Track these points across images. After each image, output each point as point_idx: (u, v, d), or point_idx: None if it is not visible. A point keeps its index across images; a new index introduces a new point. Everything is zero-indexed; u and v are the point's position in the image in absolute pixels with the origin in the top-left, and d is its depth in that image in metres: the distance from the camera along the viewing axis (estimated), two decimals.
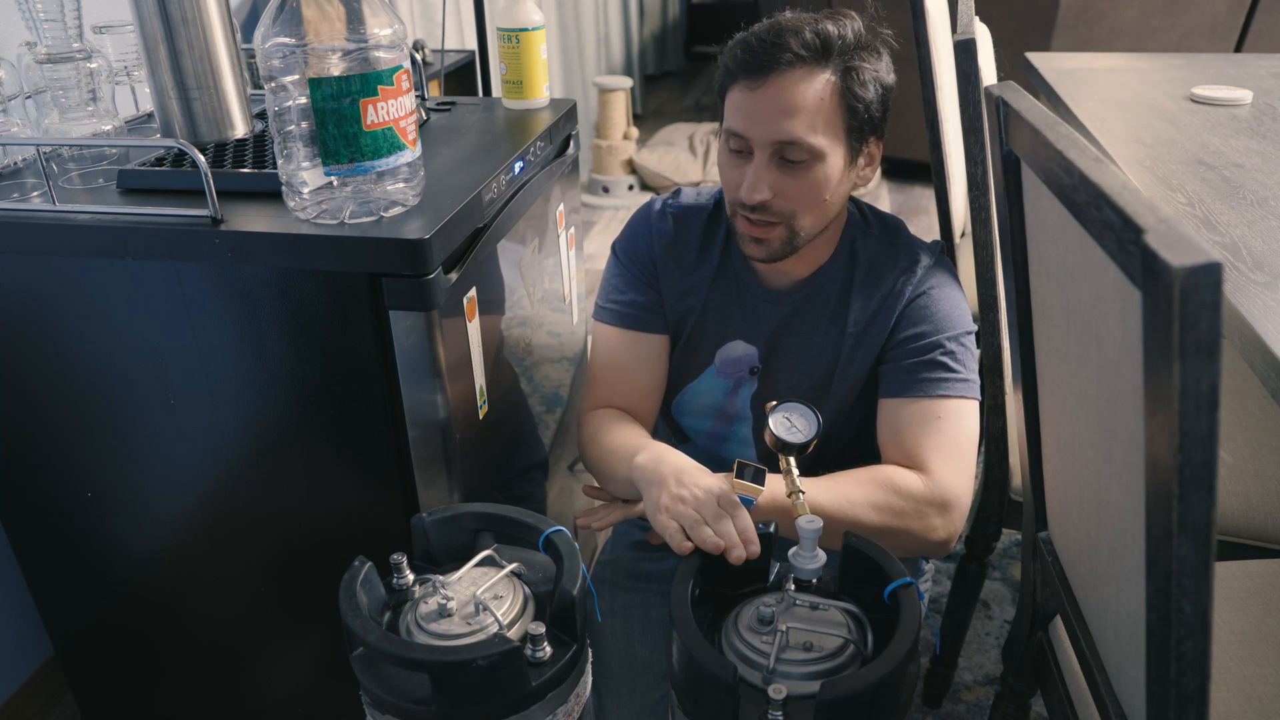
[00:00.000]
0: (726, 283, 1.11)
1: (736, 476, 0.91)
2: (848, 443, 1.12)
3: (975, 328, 1.06)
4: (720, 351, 1.12)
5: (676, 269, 1.12)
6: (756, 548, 0.80)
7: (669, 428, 1.22)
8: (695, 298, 1.11)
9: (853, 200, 1.10)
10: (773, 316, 1.09)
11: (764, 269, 1.08)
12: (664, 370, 1.15)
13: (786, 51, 0.93)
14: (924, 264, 1.06)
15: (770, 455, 0.92)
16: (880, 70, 0.97)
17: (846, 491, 0.95)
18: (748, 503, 0.91)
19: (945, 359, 1.02)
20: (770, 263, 1.04)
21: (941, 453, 0.99)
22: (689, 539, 0.82)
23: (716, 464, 1.18)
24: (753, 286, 1.10)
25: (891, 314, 1.05)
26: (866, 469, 0.99)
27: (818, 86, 0.94)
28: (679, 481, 0.89)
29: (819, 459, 1.07)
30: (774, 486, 0.92)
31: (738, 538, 0.80)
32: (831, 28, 0.94)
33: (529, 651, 0.69)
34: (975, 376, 1.03)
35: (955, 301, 1.05)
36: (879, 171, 3.98)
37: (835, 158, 0.97)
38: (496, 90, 2.19)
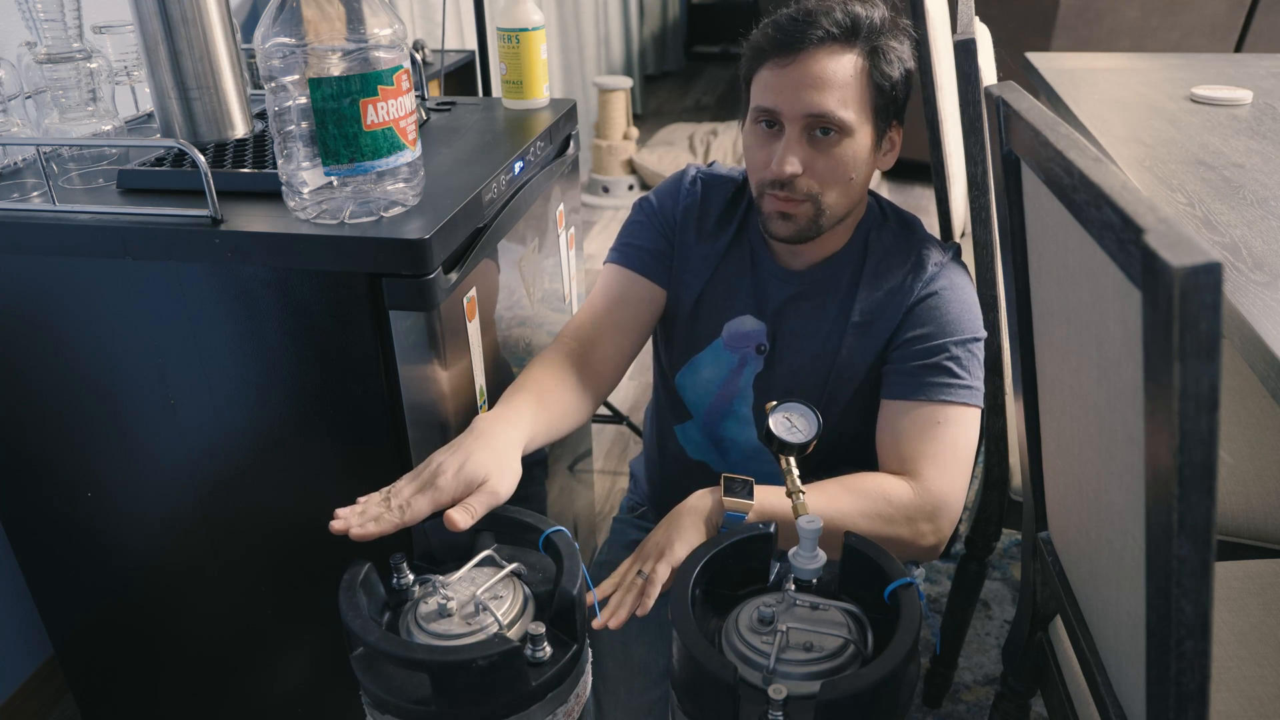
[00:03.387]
0: (740, 254, 1.12)
1: (725, 494, 0.92)
2: (848, 440, 1.12)
3: (984, 334, 1.05)
4: (729, 325, 1.12)
5: (695, 230, 1.13)
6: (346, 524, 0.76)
7: (670, 404, 1.21)
8: (705, 263, 1.12)
9: (872, 194, 1.10)
10: (780, 294, 1.09)
11: (779, 248, 1.09)
12: (649, 319, 1.14)
13: (818, 29, 0.96)
14: (935, 262, 1.06)
15: (769, 440, 0.92)
16: (904, 53, 1.00)
17: (836, 499, 0.95)
18: (739, 517, 0.91)
19: (950, 364, 1.01)
20: (796, 243, 1.04)
21: (937, 460, 0.99)
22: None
23: (714, 443, 1.18)
24: (765, 262, 1.10)
25: (899, 311, 1.05)
26: (856, 476, 0.99)
27: (847, 64, 0.96)
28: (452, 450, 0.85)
29: (817, 455, 1.06)
30: (763, 496, 0.93)
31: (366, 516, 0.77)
32: (860, 9, 0.97)
33: (529, 651, 0.69)
34: (980, 384, 1.03)
35: (966, 305, 1.05)
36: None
37: (863, 135, 0.99)
38: (496, 90, 2.19)
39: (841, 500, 0.95)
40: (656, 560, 0.90)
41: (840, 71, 0.96)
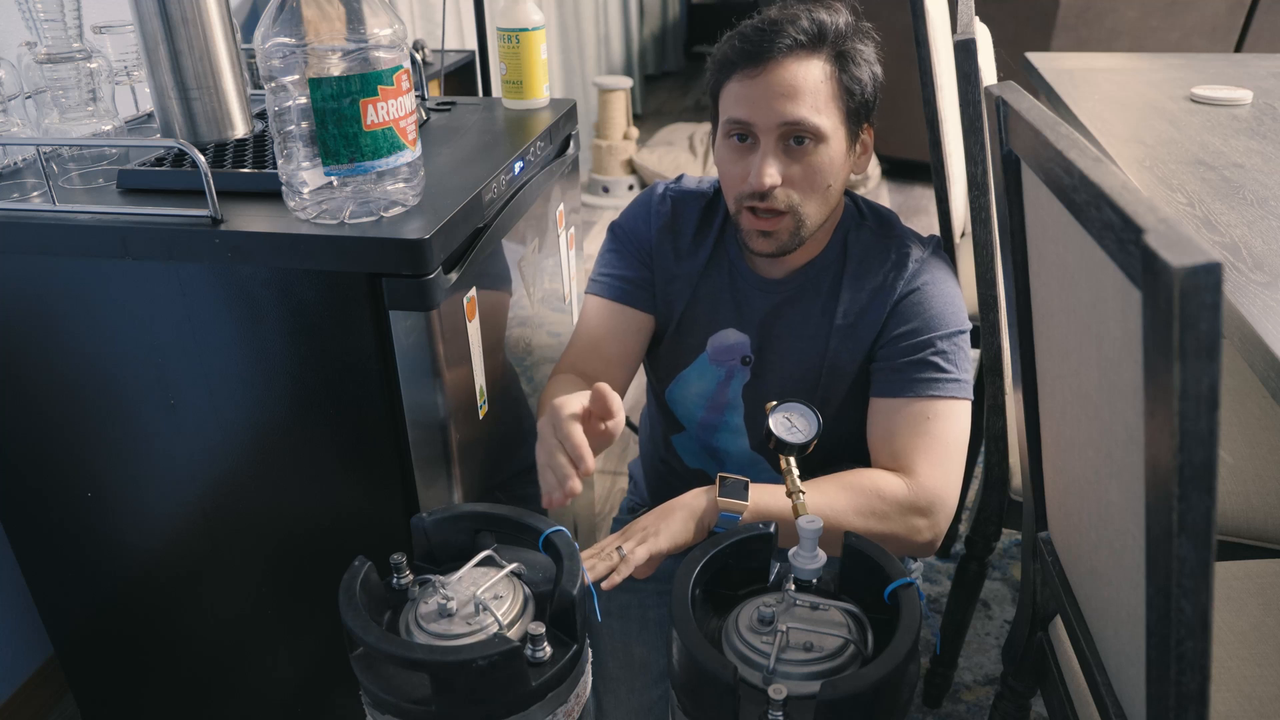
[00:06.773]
0: (719, 269, 1.11)
1: (720, 494, 0.91)
2: (842, 441, 1.12)
3: (969, 326, 1.06)
4: (713, 339, 1.12)
5: (671, 251, 1.12)
6: (577, 484, 0.81)
7: (663, 416, 1.22)
8: (687, 282, 1.12)
9: (848, 194, 1.10)
10: (763, 305, 1.09)
11: (758, 259, 1.09)
12: (639, 347, 1.15)
13: (785, 37, 0.96)
14: (916, 258, 1.06)
15: (764, 447, 0.92)
16: (870, 56, 1.00)
17: (830, 497, 0.95)
18: (734, 518, 0.91)
19: (936, 359, 1.01)
20: (778, 256, 1.04)
21: (929, 455, 0.99)
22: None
23: (709, 453, 1.18)
24: (745, 274, 1.10)
25: (883, 309, 1.05)
26: (850, 473, 0.99)
27: (816, 70, 0.97)
28: (545, 419, 0.88)
29: (816, 456, 1.07)
30: (758, 495, 0.93)
31: (555, 480, 0.82)
32: (825, 16, 0.98)
33: (529, 651, 0.69)
34: (967, 377, 1.03)
35: (949, 299, 1.05)
36: (879, 171, 3.97)
37: (837, 140, 0.99)
38: (496, 90, 2.19)
39: (836, 497, 0.95)
40: (638, 543, 0.90)
41: (810, 78, 0.96)
